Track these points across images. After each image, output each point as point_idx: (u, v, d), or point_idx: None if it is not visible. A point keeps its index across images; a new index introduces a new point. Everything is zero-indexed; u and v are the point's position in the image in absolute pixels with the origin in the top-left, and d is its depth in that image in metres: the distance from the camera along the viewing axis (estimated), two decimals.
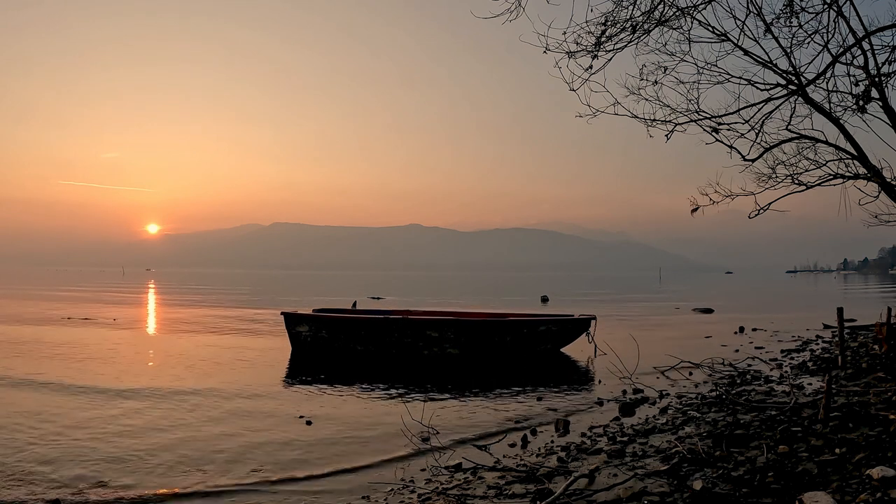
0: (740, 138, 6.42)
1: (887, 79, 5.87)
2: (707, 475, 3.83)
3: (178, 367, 9.00)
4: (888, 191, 6.29)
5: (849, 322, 13.96)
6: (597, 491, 3.75)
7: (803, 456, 3.99)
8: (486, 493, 3.92)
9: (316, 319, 10.42)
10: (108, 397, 6.79)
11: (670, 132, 6.26)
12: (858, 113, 5.76)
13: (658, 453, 4.50)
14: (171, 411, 6.20)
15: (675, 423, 5.48)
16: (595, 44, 5.72)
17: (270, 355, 10.19)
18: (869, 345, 9.67)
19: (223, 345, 11.50)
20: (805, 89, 6.04)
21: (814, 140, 6.62)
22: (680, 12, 5.74)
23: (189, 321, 16.77)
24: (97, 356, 9.86)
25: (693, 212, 6.75)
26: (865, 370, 7.26)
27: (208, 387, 7.45)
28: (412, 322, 10.17)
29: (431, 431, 5.38)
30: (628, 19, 5.66)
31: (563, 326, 10.47)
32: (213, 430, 5.50)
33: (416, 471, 4.50)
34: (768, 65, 6.07)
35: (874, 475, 3.35)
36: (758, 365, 9.10)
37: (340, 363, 9.62)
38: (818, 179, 6.84)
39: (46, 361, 9.24)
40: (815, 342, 11.84)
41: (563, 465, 4.44)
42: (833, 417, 4.74)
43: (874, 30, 5.57)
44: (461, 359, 9.85)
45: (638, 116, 6.20)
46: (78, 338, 12.20)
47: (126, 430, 5.48)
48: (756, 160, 6.61)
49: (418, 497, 3.92)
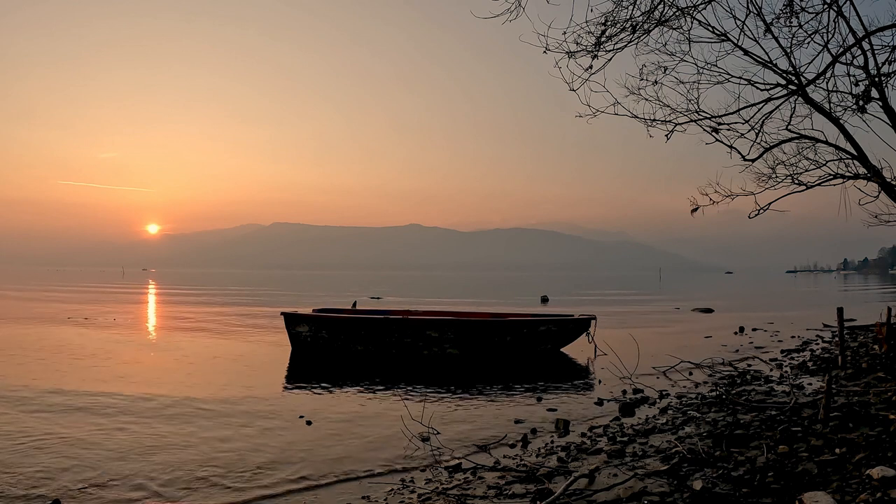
0: (740, 138, 6.43)
1: (887, 79, 5.87)
2: (707, 475, 3.83)
3: (178, 368, 9.00)
4: (888, 191, 6.29)
5: (849, 322, 13.96)
6: (597, 491, 3.76)
7: (803, 456, 3.99)
8: (486, 493, 3.92)
9: (316, 319, 10.42)
10: (108, 398, 6.79)
11: (670, 132, 6.27)
12: (858, 113, 5.77)
13: (658, 453, 4.50)
14: (172, 411, 6.19)
15: (675, 423, 5.48)
16: (595, 44, 5.73)
17: (270, 355, 10.20)
18: (869, 345, 9.67)
19: (223, 345, 11.50)
20: (805, 89, 6.04)
21: (814, 140, 6.62)
22: (680, 12, 5.74)
23: (189, 321, 16.76)
24: (97, 357, 9.85)
25: (693, 212, 6.76)
26: (865, 370, 7.26)
27: (208, 387, 7.45)
28: (412, 322, 10.17)
29: (431, 431, 5.38)
30: (628, 19, 5.66)
31: (563, 326, 10.47)
32: (213, 431, 5.49)
33: (416, 471, 4.50)
34: (768, 65, 6.07)
35: (874, 475, 3.35)
36: (758, 365, 9.10)
37: (340, 363, 9.62)
38: (818, 179, 6.85)
39: (46, 361, 9.23)
40: (815, 342, 11.84)
41: (563, 465, 4.44)
42: (833, 417, 4.74)
43: (874, 30, 5.57)
44: (461, 359, 9.85)
45: (638, 116, 6.21)
46: (78, 338, 12.20)
47: (126, 430, 5.48)
48: (756, 160, 6.62)
49: (418, 497, 3.92)
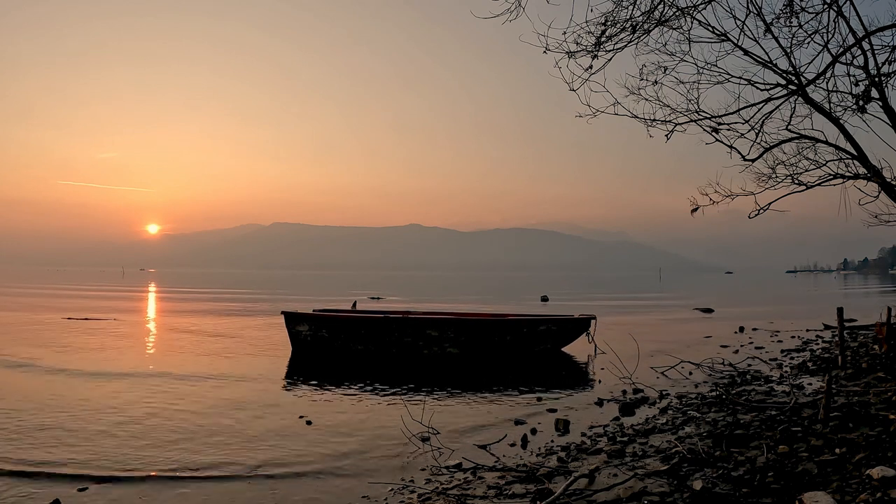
0: (740, 138, 6.44)
1: (887, 79, 5.88)
2: (707, 475, 3.83)
3: (177, 367, 8.99)
4: (888, 191, 6.29)
5: (849, 322, 13.97)
6: (597, 491, 3.76)
7: (803, 456, 3.99)
8: (486, 493, 3.92)
9: (316, 319, 10.42)
10: (108, 399, 6.79)
11: (670, 132, 6.27)
12: (858, 113, 5.77)
13: (658, 453, 4.50)
14: (171, 411, 6.20)
15: (675, 423, 5.48)
16: (595, 44, 5.73)
17: (270, 355, 10.19)
18: (869, 345, 9.67)
19: (223, 344, 11.49)
20: (805, 89, 6.05)
21: (814, 140, 6.63)
22: (680, 12, 5.75)
23: (188, 321, 16.75)
24: (97, 357, 9.85)
25: (693, 212, 6.76)
26: (865, 370, 7.26)
27: (208, 386, 7.45)
28: (412, 321, 10.17)
29: (431, 431, 5.38)
30: (628, 19, 5.67)
31: (563, 326, 10.47)
32: (213, 429, 5.49)
33: (416, 471, 4.50)
34: (768, 65, 6.08)
35: (874, 475, 3.35)
36: (758, 365, 9.10)
37: (340, 363, 9.62)
38: (818, 179, 6.85)
39: (46, 362, 9.23)
40: (815, 342, 11.84)
41: (563, 465, 4.44)
42: (833, 417, 4.74)
43: (874, 30, 5.58)
44: (461, 358, 9.85)
45: (638, 116, 6.22)
46: (78, 338, 12.20)
47: (126, 430, 5.48)
48: (756, 160, 6.63)
49: (418, 497, 3.92)
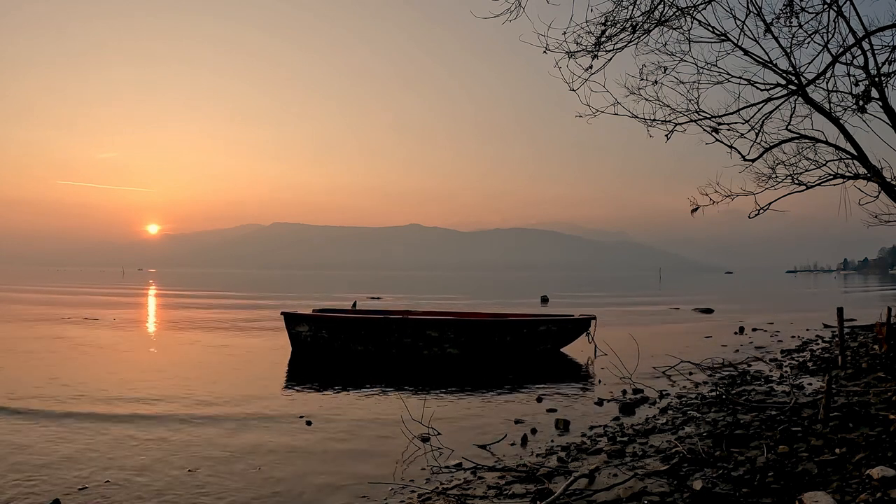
0: (740, 138, 6.43)
1: (887, 79, 5.88)
2: (707, 475, 3.83)
3: (177, 367, 9.00)
4: (888, 191, 6.29)
5: (849, 322, 13.96)
6: (597, 491, 3.76)
7: (803, 456, 3.99)
8: (486, 492, 3.92)
9: (316, 319, 10.42)
10: (108, 399, 6.79)
11: (670, 132, 6.27)
12: (858, 113, 5.77)
13: (658, 453, 4.50)
14: (170, 411, 6.19)
15: (675, 423, 5.48)
16: (595, 44, 5.73)
17: (270, 355, 10.19)
18: (869, 345, 9.67)
19: (223, 345, 11.50)
20: (805, 89, 6.04)
21: (814, 140, 6.62)
22: (680, 12, 5.74)
23: (188, 321, 16.76)
24: (96, 357, 9.86)
25: (693, 212, 6.76)
26: (865, 370, 7.26)
27: (208, 387, 7.44)
28: (412, 322, 10.17)
29: (431, 431, 5.38)
30: (628, 19, 5.66)
31: (563, 326, 10.47)
32: (212, 431, 5.49)
33: (416, 471, 4.50)
34: (768, 65, 6.07)
35: (874, 475, 3.35)
36: (758, 365, 9.10)
37: (340, 363, 9.62)
38: (818, 179, 6.85)
39: (46, 362, 9.23)
40: (815, 342, 11.84)
41: (563, 464, 4.44)
42: (833, 417, 4.74)
43: (874, 30, 5.57)
44: (461, 359, 9.84)
45: (638, 116, 6.21)
46: (78, 338, 12.19)
47: (125, 430, 5.48)
48: (756, 160, 6.62)
49: (418, 497, 3.92)
